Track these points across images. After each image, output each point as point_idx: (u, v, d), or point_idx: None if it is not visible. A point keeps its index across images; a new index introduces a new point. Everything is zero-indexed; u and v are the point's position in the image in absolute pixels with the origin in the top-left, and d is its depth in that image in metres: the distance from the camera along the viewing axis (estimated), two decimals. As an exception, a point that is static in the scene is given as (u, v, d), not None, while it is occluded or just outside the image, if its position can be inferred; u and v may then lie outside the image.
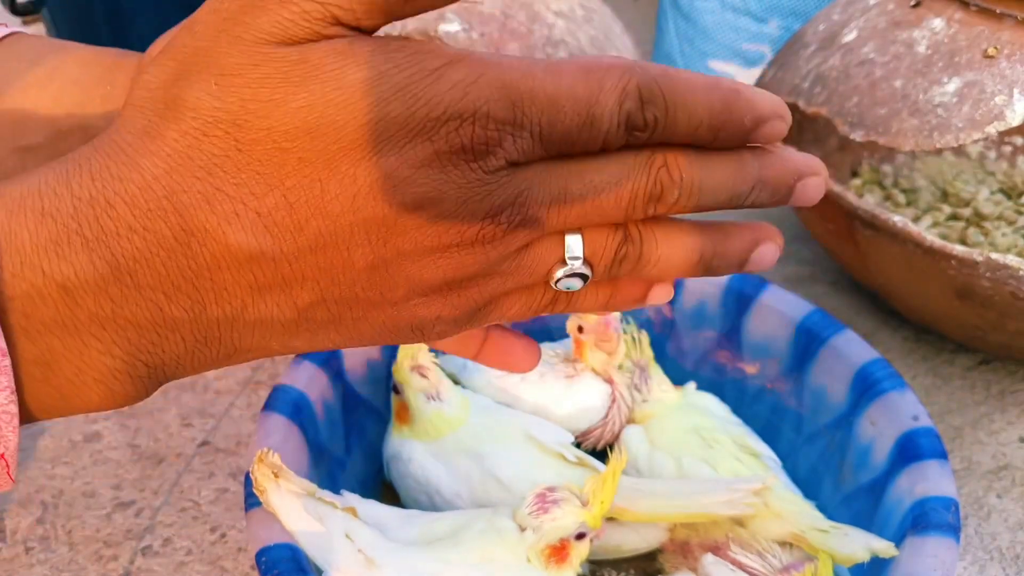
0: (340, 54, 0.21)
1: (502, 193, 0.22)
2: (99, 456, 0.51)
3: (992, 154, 0.71)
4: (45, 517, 0.48)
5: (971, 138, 0.42)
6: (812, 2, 0.83)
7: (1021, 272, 0.43)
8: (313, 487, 0.38)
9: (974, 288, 0.45)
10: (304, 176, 0.21)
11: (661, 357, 0.50)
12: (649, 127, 0.22)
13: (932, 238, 0.44)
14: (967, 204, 0.64)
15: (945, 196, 0.65)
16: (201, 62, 0.21)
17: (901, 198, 0.66)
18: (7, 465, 0.23)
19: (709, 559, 0.40)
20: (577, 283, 0.24)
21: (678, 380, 0.49)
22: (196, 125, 0.21)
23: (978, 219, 0.63)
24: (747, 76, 0.92)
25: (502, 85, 0.21)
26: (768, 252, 0.25)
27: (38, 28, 1.09)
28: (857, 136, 0.47)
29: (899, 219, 0.46)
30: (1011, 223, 0.63)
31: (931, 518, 0.35)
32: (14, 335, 0.22)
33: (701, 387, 0.49)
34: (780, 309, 0.47)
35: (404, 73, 0.21)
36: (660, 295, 0.26)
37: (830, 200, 0.49)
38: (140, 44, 0.74)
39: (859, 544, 0.36)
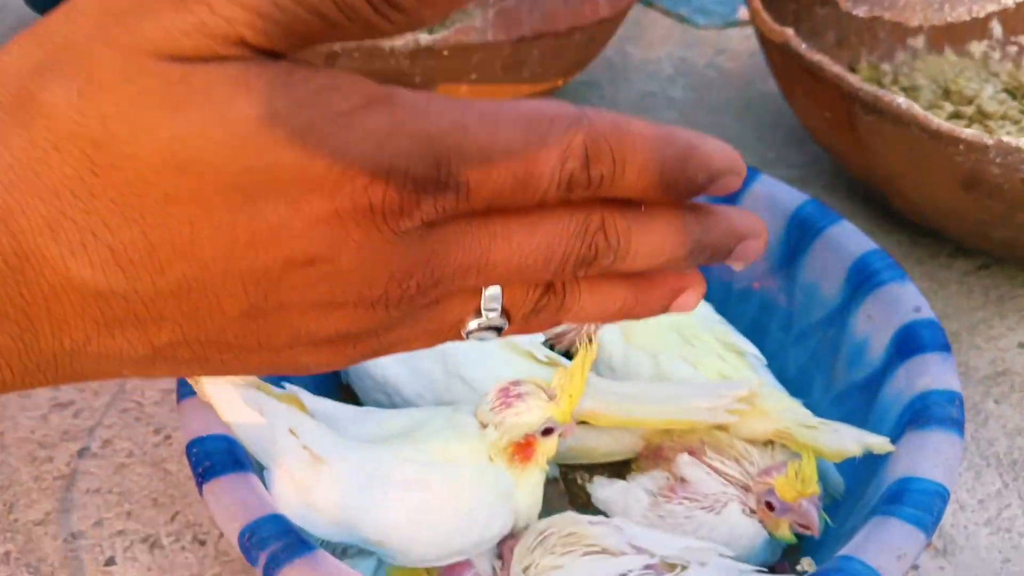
0: (231, 81, 0.17)
1: (412, 255, 0.19)
2: None
3: (996, 55, 0.67)
4: (-25, 418, 0.44)
5: (985, 11, 0.38)
6: None
7: (1036, 153, 0.39)
8: (253, 377, 0.34)
9: (982, 176, 0.41)
10: (170, 215, 0.17)
11: (642, 254, 0.46)
12: (592, 186, 0.19)
13: (939, 121, 0.40)
14: (970, 102, 0.59)
15: (947, 94, 0.61)
16: (69, 60, 0.17)
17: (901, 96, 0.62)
18: None
19: (684, 459, 0.37)
20: (491, 335, 0.21)
21: (659, 278, 0.45)
22: (48, 136, 0.17)
23: (982, 117, 0.59)
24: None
25: (427, 139, 0.18)
26: (688, 300, 0.23)
27: None
28: (860, 11, 0.42)
29: (903, 101, 0.41)
30: (1016, 122, 0.59)
31: (933, 412, 0.32)
32: None
33: (684, 286, 0.45)
34: (772, 199, 0.43)
35: (305, 114, 0.17)
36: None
37: (830, 84, 0.45)
38: None
39: (850, 439, 0.33)
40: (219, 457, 0.30)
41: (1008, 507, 0.42)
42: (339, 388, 0.43)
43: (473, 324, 0.21)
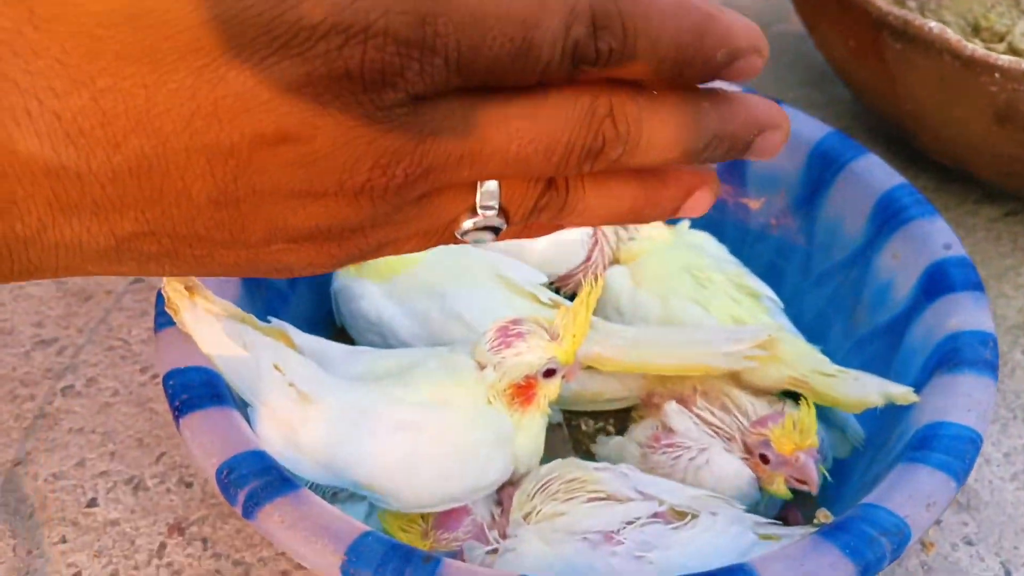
0: None
1: (399, 136, 0.16)
2: (19, 291, 0.45)
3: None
4: (-45, 355, 0.42)
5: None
6: None
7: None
8: (236, 309, 0.32)
9: (1019, 107, 0.38)
10: (123, 78, 0.15)
11: (653, 192, 0.43)
12: (601, 60, 0.17)
13: (973, 47, 0.37)
14: (1001, 39, 0.56)
15: (977, 30, 0.58)
16: None
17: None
18: None
19: (672, 407, 0.34)
20: (488, 236, 0.19)
21: (673, 219, 0.42)
22: None
23: (1013, 54, 0.56)
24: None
25: None
26: (702, 200, 0.21)
27: None
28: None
29: (935, 25, 0.38)
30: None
31: (964, 354, 0.30)
32: None
33: (698, 225, 0.43)
34: (793, 132, 0.40)
35: None
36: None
37: (856, 8, 0.41)
38: None
39: (872, 389, 0.31)
40: (198, 390, 0.28)
41: (1035, 461, 0.40)
42: (333, 329, 0.41)
43: (468, 223, 0.18)
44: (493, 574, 0.26)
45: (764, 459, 0.33)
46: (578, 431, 0.39)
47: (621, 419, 0.39)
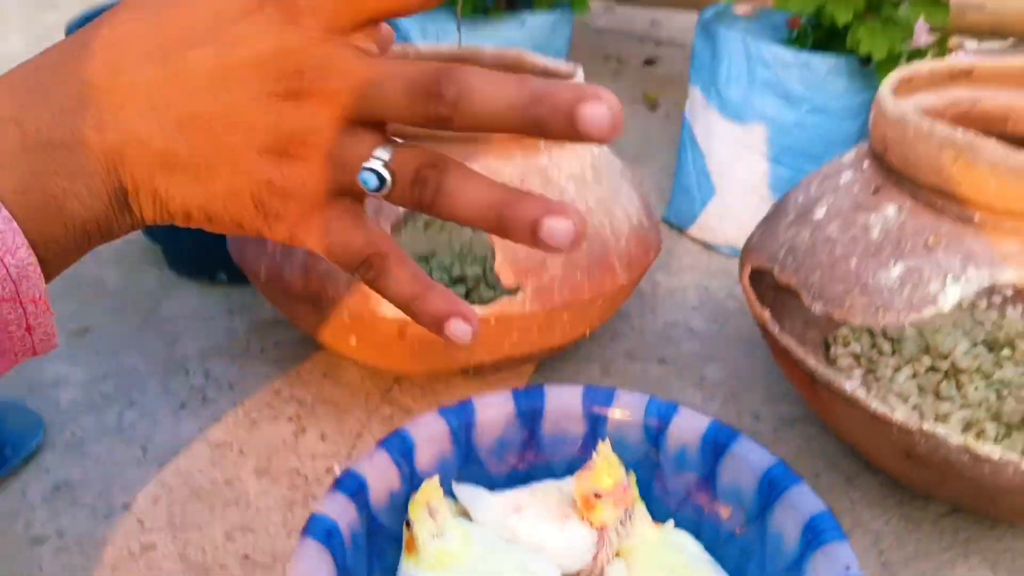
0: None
1: (315, 53, 0.30)
2: (153, 565, 0.63)
3: (983, 303, 0.81)
4: (107, 618, 0.59)
5: (908, 319, 0.53)
6: (820, 146, 0.95)
7: (951, 441, 0.53)
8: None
9: (916, 451, 0.55)
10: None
11: (647, 495, 0.60)
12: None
13: (876, 405, 0.55)
14: (945, 357, 0.74)
15: (928, 348, 0.76)
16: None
17: (887, 347, 0.76)
18: (46, 310, 0.31)
19: None
20: (373, 180, 0.31)
21: (662, 517, 0.59)
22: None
23: (956, 371, 0.73)
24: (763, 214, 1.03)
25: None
26: (557, 226, 0.29)
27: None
28: (816, 308, 0.58)
29: (849, 385, 0.56)
30: (987, 376, 0.72)
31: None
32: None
33: (683, 526, 0.59)
34: (748, 459, 0.57)
35: None
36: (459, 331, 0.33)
37: (796, 363, 0.60)
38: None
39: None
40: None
41: None
42: None
43: (365, 164, 0.30)
44: None
45: None
46: None
47: None
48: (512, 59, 0.84)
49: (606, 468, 0.56)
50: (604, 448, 0.57)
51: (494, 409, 0.62)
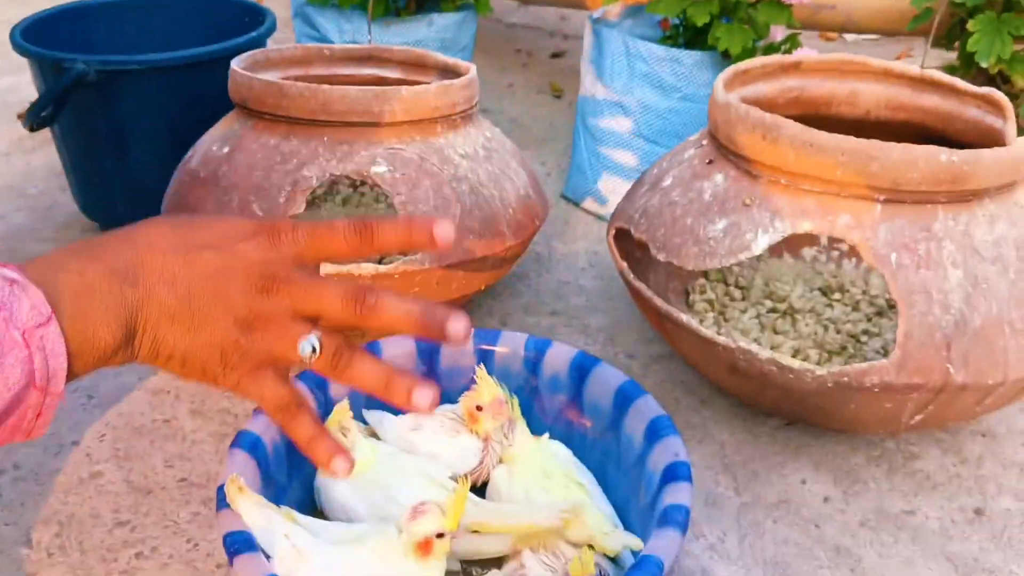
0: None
1: (284, 268, 0.50)
2: (102, 490, 0.73)
3: (823, 257, 0.96)
4: (61, 532, 0.69)
5: (728, 263, 0.66)
6: (691, 128, 1.08)
7: (760, 355, 0.66)
8: (264, 500, 0.60)
9: (736, 366, 0.68)
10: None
11: (528, 415, 0.72)
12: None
13: (705, 331, 0.68)
14: (783, 300, 0.88)
15: (771, 293, 0.90)
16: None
17: (737, 293, 0.90)
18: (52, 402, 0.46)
19: (527, 553, 0.62)
20: (308, 348, 0.50)
21: (540, 431, 0.71)
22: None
23: (792, 311, 0.87)
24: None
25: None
26: (420, 395, 0.50)
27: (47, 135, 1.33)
28: (661, 257, 0.71)
29: (685, 317, 0.69)
30: (818, 315, 0.87)
31: (669, 517, 0.58)
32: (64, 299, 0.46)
33: (556, 437, 0.71)
34: (606, 379, 0.70)
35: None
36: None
37: (647, 301, 0.72)
38: (136, 165, 1.03)
39: (618, 540, 0.59)
40: (243, 544, 0.56)
41: (764, 590, 0.67)
42: (315, 511, 0.69)
43: (303, 343, 0.49)
44: None
45: (567, 584, 0.60)
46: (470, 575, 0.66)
47: (498, 564, 0.66)
48: (416, 57, 0.96)
49: (484, 387, 0.68)
50: (481, 371, 0.69)
51: (399, 348, 0.74)
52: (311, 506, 0.68)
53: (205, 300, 0.49)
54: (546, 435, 0.71)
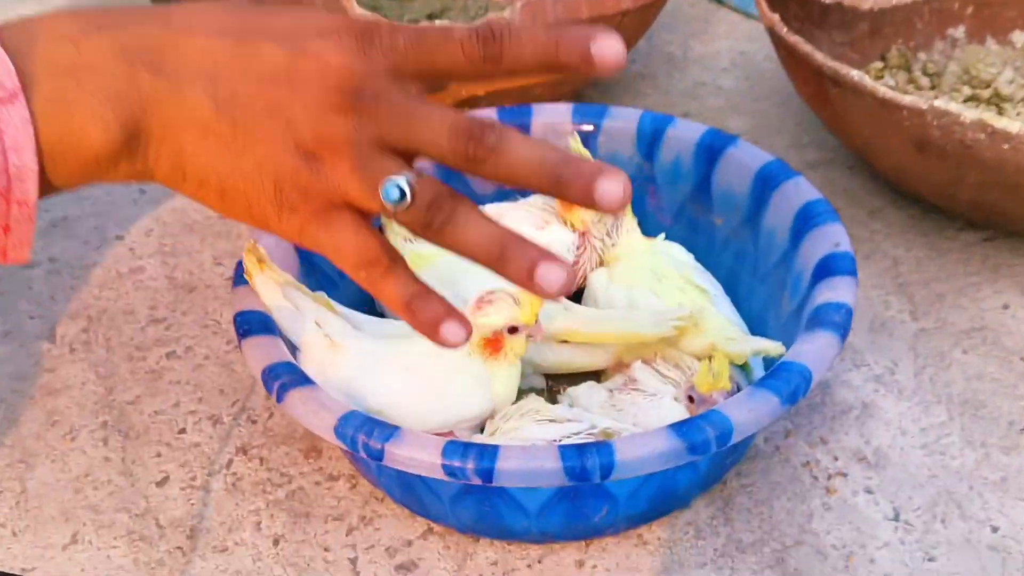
0: None
1: (376, 82, 0.33)
2: (140, 285, 0.63)
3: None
4: (89, 327, 0.60)
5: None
6: None
7: (963, 118, 0.48)
8: (292, 279, 0.48)
9: (928, 139, 0.50)
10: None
11: (641, 211, 0.57)
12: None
13: (884, 90, 0.50)
14: (988, 86, 0.67)
15: (969, 79, 0.69)
16: None
17: (924, 81, 0.70)
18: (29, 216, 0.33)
19: (637, 365, 0.47)
20: (395, 192, 0.33)
21: (654, 232, 0.56)
22: None
23: (998, 99, 0.67)
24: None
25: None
26: (549, 274, 0.33)
27: None
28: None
29: (856, 74, 0.51)
30: (1030, 105, 0.66)
31: (822, 317, 0.42)
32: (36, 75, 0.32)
33: (678, 239, 0.56)
34: (743, 160, 0.53)
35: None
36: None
37: (804, 62, 0.55)
38: None
39: (747, 346, 0.44)
40: (256, 325, 0.44)
41: (948, 435, 0.50)
42: (374, 312, 0.56)
43: (388, 179, 0.33)
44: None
45: (691, 399, 0.45)
46: (558, 394, 0.53)
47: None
48: None
49: (582, 158, 0.53)
50: (575, 142, 0.54)
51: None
52: (369, 310, 0.56)
53: (256, 111, 0.34)
54: (661, 235, 0.56)
